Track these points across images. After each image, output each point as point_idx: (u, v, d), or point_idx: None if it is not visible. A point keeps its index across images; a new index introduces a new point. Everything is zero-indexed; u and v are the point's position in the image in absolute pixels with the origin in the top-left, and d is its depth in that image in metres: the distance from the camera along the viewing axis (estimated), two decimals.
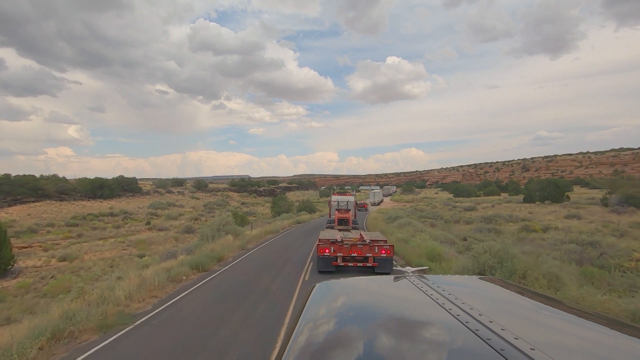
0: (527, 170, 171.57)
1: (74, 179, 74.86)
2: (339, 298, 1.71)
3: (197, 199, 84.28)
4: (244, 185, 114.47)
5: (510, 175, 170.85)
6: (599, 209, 38.85)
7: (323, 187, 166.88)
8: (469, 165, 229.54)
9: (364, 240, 11.86)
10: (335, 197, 21.49)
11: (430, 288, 1.59)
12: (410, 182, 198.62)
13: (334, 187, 29.57)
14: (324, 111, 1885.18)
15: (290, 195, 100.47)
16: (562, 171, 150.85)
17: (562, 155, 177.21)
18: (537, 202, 50.06)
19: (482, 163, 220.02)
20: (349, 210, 19.94)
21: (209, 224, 21.64)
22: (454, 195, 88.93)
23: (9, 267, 21.38)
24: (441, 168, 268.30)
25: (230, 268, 13.13)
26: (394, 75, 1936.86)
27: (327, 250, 11.58)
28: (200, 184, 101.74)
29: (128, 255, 26.07)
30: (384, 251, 11.37)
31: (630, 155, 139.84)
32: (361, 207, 46.71)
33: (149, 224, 45.53)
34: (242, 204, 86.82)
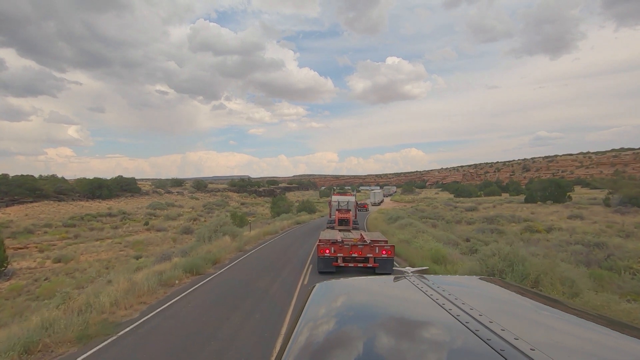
0: (528, 170, 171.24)
1: (73, 179, 74.50)
2: (339, 298, 1.71)
3: (197, 199, 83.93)
4: (243, 185, 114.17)
5: (510, 175, 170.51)
6: (602, 209, 38.55)
7: (323, 188, 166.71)
8: (469, 166, 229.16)
9: (365, 241, 11.70)
10: (335, 197, 21.48)
11: (430, 288, 1.59)
12: (410, 183, 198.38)
13: (334, 188, 29.35)
14: (324, 111, 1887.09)
15: (290, 196, 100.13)
16: (563, 171, 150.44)
17: (563, 155, 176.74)
18: (539, 202, 49.83)
19: (483, 163, 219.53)
20: (350, 210, 19.89)
21: (206, 224, 21.21)
22: (454, 196, 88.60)
23: (2, 269, 20.96)
24: (441, 168, 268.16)
25: (226, 271, 12.69)
26: (393, 75, 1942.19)
27: (328, 251, 11.44)
28: (200, 184, 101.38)
29: (125, 257, 25.68)
30: (384, 252, 11.23)
31: (631, 156, 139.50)
32: (361, 208, 46.50)
33: (147, 224, 45.13)
34: (242, 204, 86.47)
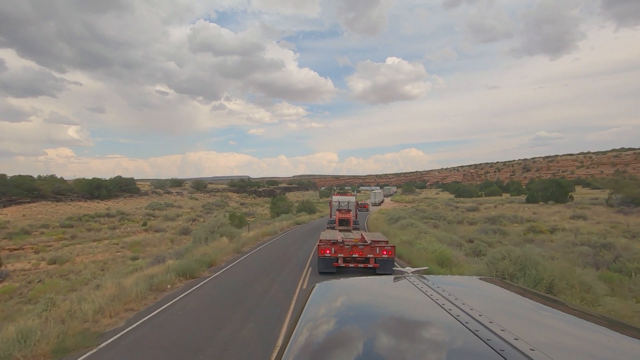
0: (528, 170, 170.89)
1: (72, 179, 74.04)
2: (339, 298, 1.69)
3: (196, 199, 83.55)
4: (243, 185, 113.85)
5: (511, 175, 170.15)
6: (605, 210, 38.18)
7: (323, 188, 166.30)
8: (470, 166, 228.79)
9: (365, 241, 11.59)
10: (336, 198, 21.42)
11: (430, 288, 1.57)
12: (410, 183, 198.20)
13: (334, 188, 29.04)
14: (324, 111, 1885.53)
15: (290, 196, 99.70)
16: (564, 171, 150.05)
17: (563, 155, 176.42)
18: (541, 203, 49.47)
19: (483, 163, 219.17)
20: (350, 210, 19.80)
21: (203, 225, 20.78)
22: (455, 196, 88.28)
23: None
24: (441, 168, 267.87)
25: (221, 274, 12.21)
26: (393, 75, 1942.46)
27: (328, 251, 11.36)
28: (199, 185, 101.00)
29: (121, 258, 25.27)
30: (385, 252, 11.16)
31: (631, 155, 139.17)
32: (362, 208, 46.19)
33: (145, 225, 44.71)
34: (242, 204, 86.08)
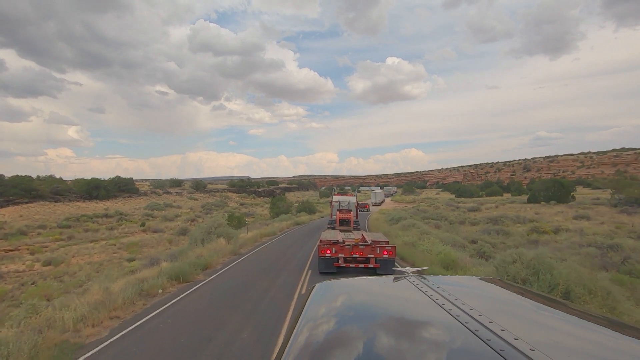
0: (529, 170, 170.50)
1: (71, 179, 73.58)
2: (339, 298, 1.68)
3: (195, 199, 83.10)
4: (243, 185, 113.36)
5: (511, 175, 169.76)
6: (607, 210, 37.75)
7: (323, 188, 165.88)
8: (470, 166, 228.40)
9: (366, 241, 11.52)
10: (336, 198, 21.31)
11: (430, 288, 1.57)
12: (410, 183, 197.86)
13: (335, 188, 28.82)
14: (324, 112, 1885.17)
15: (290, 196, 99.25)
16: (564, 171, 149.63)
17: (564, 155, 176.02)
18: (542, 203, 49.00)
19: (483, 163, 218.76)
20: (351, 210, 19.64)
21: (199, 226, 20.36)
22: (455, 196, 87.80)
23: None
24: (442, 168, 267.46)
25: (216, 278, 11.74)
26: (393, 75, 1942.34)
27: (329, 251, 11.33)
28: (199, 185, 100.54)
29: (118, 259, 24.83)
30: (386, 252, 11.13)
31: (632, 155, 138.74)
32: (363, 208, 45.88)
33: (144, 225, 44.28)
34: (241, 204, 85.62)
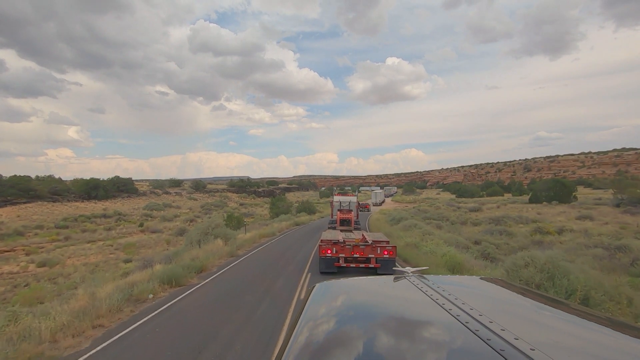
0: (529, 170, 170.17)
1: (70, 180, 73.24)
2: (339, 298, 1.68)
3: (195, 199, 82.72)
4: (242, 186, 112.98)
5: (512, 175, 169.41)
6: (610, 210, 37.40)
7: (323, 188, 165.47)
8: (470, 166, 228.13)
9: (366, 241, 11.50)
10: (337, 198, 21.14)
11: (430, 288, 1.57)
12: (410, 183, 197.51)
13: (335, 188, 28.55)
14: (324, 112, 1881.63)
15: (290, 196, 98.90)
16: (565, 171, 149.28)
17: (564, 155, 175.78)
18: (544, 203, 48.62)
19: (483, 163, 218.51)
20: (351, 210, 19.45)
21: (196, 227, 19.96)
22: (456, 196, 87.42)
23: None
24: (442, 169, 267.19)
25: (210, 281, 11.29)
26: (393, 76, 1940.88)
27: (329, 251, 11.32)
28: (199, 185, 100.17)
29: (114, 260, 24.44)
30: (386, 252, 11.09)
31: (633, 155, 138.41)
32: (363, 208, 45.53)
33: (142, 225, 43.89)
34: (241, 205, 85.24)
